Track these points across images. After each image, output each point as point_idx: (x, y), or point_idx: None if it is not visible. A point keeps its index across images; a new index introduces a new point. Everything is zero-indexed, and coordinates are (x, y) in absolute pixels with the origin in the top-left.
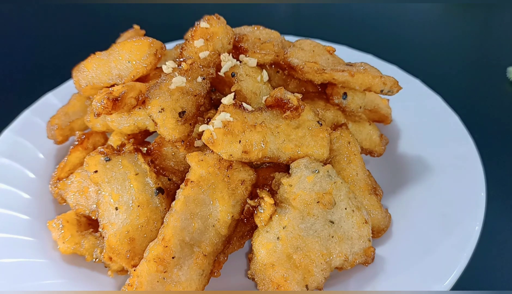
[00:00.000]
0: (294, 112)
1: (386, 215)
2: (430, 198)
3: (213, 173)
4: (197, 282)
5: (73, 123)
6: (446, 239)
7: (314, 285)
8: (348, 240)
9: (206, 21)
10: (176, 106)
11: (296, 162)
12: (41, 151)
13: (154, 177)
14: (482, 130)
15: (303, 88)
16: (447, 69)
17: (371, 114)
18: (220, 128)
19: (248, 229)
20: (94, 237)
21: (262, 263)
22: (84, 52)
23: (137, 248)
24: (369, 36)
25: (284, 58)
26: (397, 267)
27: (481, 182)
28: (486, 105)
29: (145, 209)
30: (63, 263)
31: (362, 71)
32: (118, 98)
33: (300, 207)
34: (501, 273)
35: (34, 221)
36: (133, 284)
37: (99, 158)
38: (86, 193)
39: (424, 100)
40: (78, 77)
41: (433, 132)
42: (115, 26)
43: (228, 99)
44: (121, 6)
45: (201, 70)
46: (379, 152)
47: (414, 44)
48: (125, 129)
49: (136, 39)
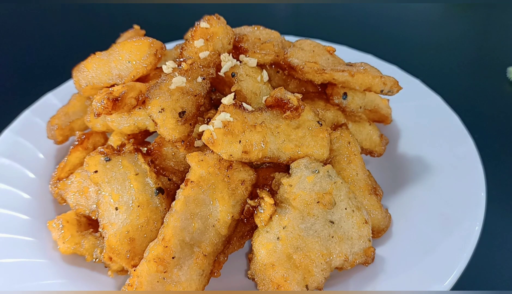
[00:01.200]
0: (294, 112)
1: (386, 215)
2: (430, 198)
3: (213, 173)
4: (197, 282)
5: (73, 123)
6: (446, 239)
7: (314, 285)
8: (348, 240)
9: (206, 21)
10: (176, 106)
11: (296, 162)
12: (41, 151)
13: (154, 177)
14: (482, 130)
15: (303, 88)
16: (447, 69)
17: (371, 114)
18: (220, 128)
19: (248, 229)
20: (94, 237)
21: (262, 263)
22: (84, 52)
23: (137, 248)
24: (369, 36)
25: (284, 58)
26: (397, 267)
27: (481, 182)
28: (486, 105)
29: (145, 209)
30: (63, 263)
31: (362, 71)
32: (118, 98)
33: (300, 207)
34: (501, 273)
35: (34, 221)
36: (133, 284)
37: (99, 158)
38: (86, 193)
39: (424, 100)
40: (78, 77)
41: (433, 132)
42: (115, 26)
43: (228, 99)
44: (121, 6)
45: (201, 70)
46: (379, 152)
47: (414, 44)
48: (125, 129)
49: (136, 39)
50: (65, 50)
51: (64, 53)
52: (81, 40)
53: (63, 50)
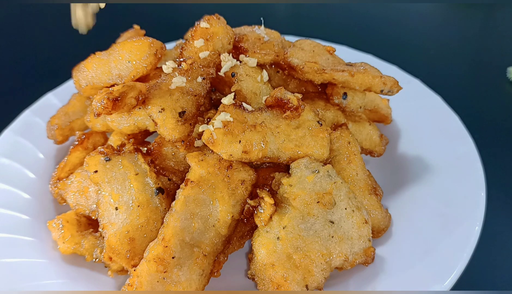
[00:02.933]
0: (294, 112)
1: (386, 215)
2: (430, 198)
3: (213, 173)
4: (197, 282)
5: (73, 123)
6: (446, 239)
7: (314, 285)
8: (348, 240)
9: (206, 21)
10: (176, 106)
11: (296, 162)
12: (41, 151)
13: (154, 177)
14: (482, 130)
15: (303, 88)
16: (447, 69)
17: (371, 114)
18: (220, 128)
19: (248, 229)
20: (94, 237)
21: (262, 263)
22: (84, 52)
23: (137, 248)
24: (369, 36)
25: (284, 58)
26: (397, 267)
27: (481, 182)
28: (486, 105)
29: (145, 209)
30: (63, 263)
31: (362, 71)
32: (118, 98)
33: (300, 207)
34: (501, 273)
35: (34, 221)
36: (133, 284)
37: (99, 158)
38: (86, 193)
39: (424, 100)
40: (78, 77)
41: (433, 132)
42: (115, 26)
43: (228, 99)
44: (121, 6)
45: (201, 70)
46: (379, 152)
47: (414, 44)
48: (125, 129)
49: (136, 39)
50: (65, 50)
51: (64, 53)
52: (81, 40)
53: (63, 50)
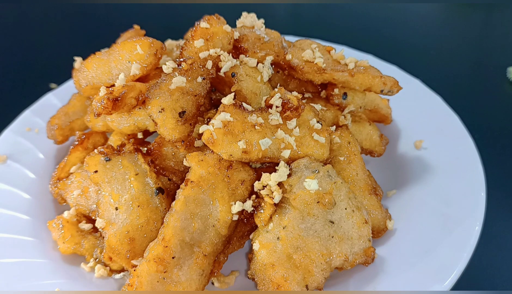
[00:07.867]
0: (294, 112)
1: (386, 215)
2: (430, 198)
3: (213, 173)
4: (197, 282)
5: (73, 123)
6: (446, 239)
7: (314, 285)
8: (348, 240)
9: (206, 21)
10: (176, 106)
11: (296, 162)
12: (41, 151)
13: (154, 177)
14: (482, 130)
15: (303, 88)
16: (447, 69)
17: (371, 114)
18: (220, 128)
19: (248, 229)
20: (94, 237)
21: (262, 263)
22: (84, 52)
23: (137, 248)
24: (369, 36)
25: (284, 58)
26: (397, 267)
27: (481, 182)
28: (486, 105)
29: (145, 209)
30: (63, 263)
31: (362, 71)
32: (118, 98)
33: (300, 207)
34: (501, 273)
35: (34, 221)
36: (133, 284)
37: (99, 158)
38: (86, 193)
39: (424, 100)
40: (78, 77)
41: (433, 132)
42: (115, 26)
43: (228, 99)
44: (121, 6)
45: (201, 70)
46: (379, 152)
47: (414, 44)
48: (125, 129)
49: (136, 39)
50: (65, 50)
51: (64, 53)
52: (81, 40)
53: (63, 50)
